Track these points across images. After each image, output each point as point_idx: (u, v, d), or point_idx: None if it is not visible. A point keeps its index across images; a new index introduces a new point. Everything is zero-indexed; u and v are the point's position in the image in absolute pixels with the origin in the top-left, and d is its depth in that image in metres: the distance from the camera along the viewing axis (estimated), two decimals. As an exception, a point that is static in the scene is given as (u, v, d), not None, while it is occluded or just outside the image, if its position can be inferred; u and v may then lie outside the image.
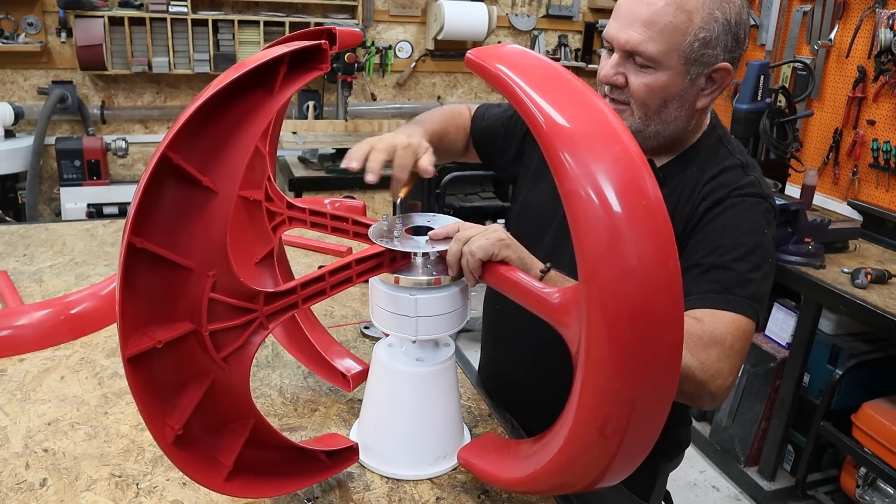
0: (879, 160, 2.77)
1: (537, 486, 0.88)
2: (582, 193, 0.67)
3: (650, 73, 1.06)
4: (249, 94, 0.77)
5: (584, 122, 0.71)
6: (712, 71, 1.08)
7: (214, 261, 0.80)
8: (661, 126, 1.12)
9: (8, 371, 1.29)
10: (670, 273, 0.67)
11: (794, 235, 2.37)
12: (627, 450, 0.75)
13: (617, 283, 0.67)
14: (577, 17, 4.45)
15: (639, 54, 1.05)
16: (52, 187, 3.68)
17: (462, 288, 1.01)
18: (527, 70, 0.77)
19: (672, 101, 1.09)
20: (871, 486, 2.32)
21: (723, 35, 1.05)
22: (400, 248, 0.99)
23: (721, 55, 1.07)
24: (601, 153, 0.68)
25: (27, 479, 1.01)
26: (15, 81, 3.60)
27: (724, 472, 2.76)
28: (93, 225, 2.13)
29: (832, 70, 2.99)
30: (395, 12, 4.09)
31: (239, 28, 3.67)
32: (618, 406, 0.71)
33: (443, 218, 1.10)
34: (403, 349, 1.06)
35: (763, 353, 2.60)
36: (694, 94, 1.10)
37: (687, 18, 1.03)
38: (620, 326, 0.67)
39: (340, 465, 1.02)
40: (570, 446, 0.77)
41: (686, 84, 1.08)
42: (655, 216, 0.67)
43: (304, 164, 3.38)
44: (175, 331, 0.80)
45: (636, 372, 0.69)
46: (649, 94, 1.08)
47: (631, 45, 1.05)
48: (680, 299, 0.68)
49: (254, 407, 0.89)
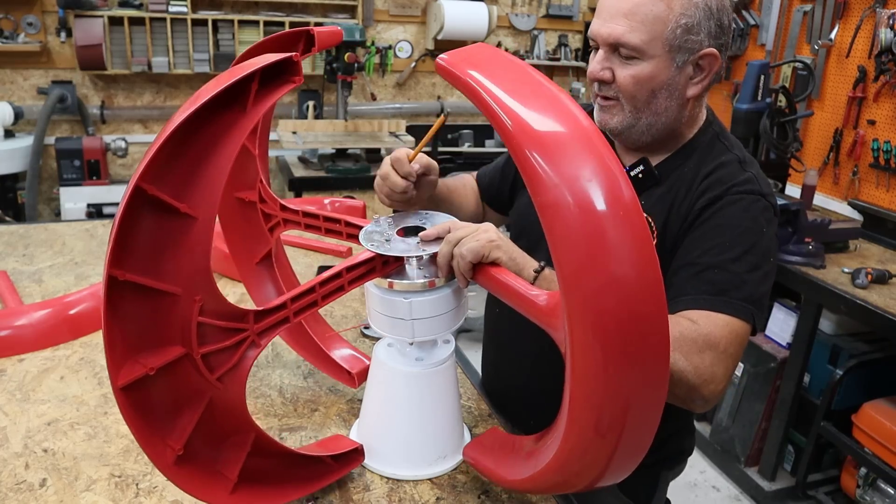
0: (880, 160, 2.77)
1: (538, 486, 0.88)
2: (558, 204, 0.65)
3: (635, 63, 1.07)
4: (222, 115, 0.75)
5: (557, 128, 0.68)
6: (699, 58, 1.08)
7: (200, 285, 0.79)
8: (653, 118, 1.11)
9: (8, 371, 1.29)
10: (651, 280, 0.66)
11: (795, 235, 2.37)
12: (624, 448, 0.74)
13: (598, 294, 0.65)
14: (577, 17, 4.45)
15: (622, 45, 1.06)
16: (52, 187, 3.68)
17: (456, 288, 1.01)
18: (496, 74, 0.75)
19: (661, 91, 1.09)
20: (871, 487, 2.32)
21: (705, 21, 1.06)
22: (391, 252, 0.98)
23: (706, 41, 1.07)
24: (575, 161, 0.66)
25: (27, 479, 1.00)
26: (15, 81, 3.60)
27: (725, 473, 2.76)
28: (92, 225, 2.13)
29: (832, 70, 2.99)
30: (395, 12, 4.09)
31: (239, 28, 3.67)
32: (608, 406, 0.70)
33: (437, 216, 1.09)
34: (403, 349, 1.06)
35: (763, 353, 2.60)
36: (683, 82, 1.09)
37: (666, 6, 1.04)
38: (603, 335, 0.66)
39: (346, 468, 1.01)
40: (566, 446, 0.76)
41: (673, 72, 1.08)
42: (634, 222, 0.65)
43: (304, 164, 3.38)
44: (166, 356, 0.79)
45: (622, 374, 0.68)
46: (636, 85, 1.08)
47: (614, 37, 1.06)
48: (663, 304, 0.66)
49: (252, 421, 0.89)
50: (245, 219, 1.20)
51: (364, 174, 3.26)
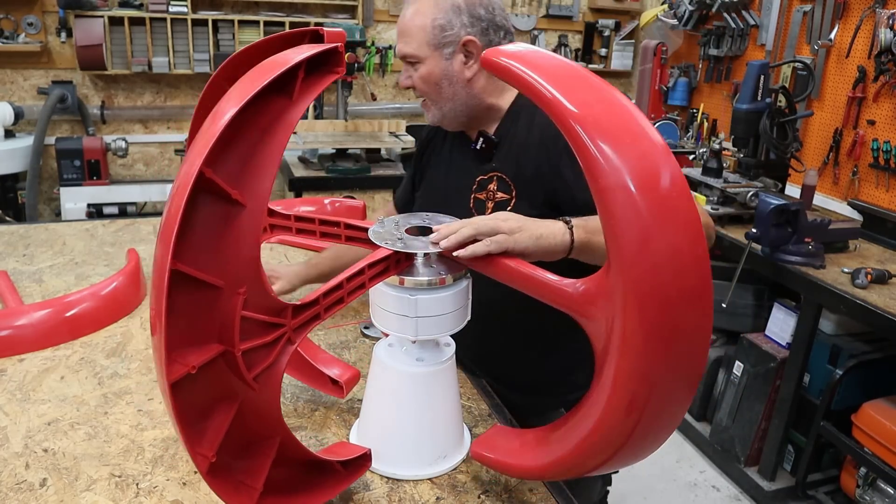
0: (879, 160, 2.77)
1: (564, 470, 0.90)
2: (619, 186, 0.70)
3: (418, 67, 1.34)
4: (271, 102, 0.76)
5: (613, 119, 0.74)
6: (462, 46, 1.31)
7: (245, 277, 0.77)
8: (450, 104, 1.36)
9: (8, 371, 1.29)
10: (700, 254, 0.71)
11: (794, 235, 2.37)
12: (659, 428, 0.79)
13: (654, 272, 0.70)
14: (577, 17, 4.45)
15: (406, 56, 1.34)
16: (52, 187, 3.68)
17: (462, 288, 1.01)
18: (549, 72, 0.78)
19: (442, 81, 1.33)
20: (871, 487, 2.32)
21: (455, 17, 1.30)
22: (409, 249, 0.98)
23: (462, 31, 1.30)
24: (632, 148, 0.71)
25: (27, 479, 1.00)
26: (15, 81, 3.60)
27: (724, 472, 2.76)
28: (93, 225, 2.13)
29: (832, 70, 2.99)
30: (395, 12, 4.08)
31: (239, 28, 3.68)
32: (655, 387, 0.75)
33: (440, 217, 1.10)
34: (404, 349, 1.06)
35: (763, 353, 2.60)
36: (457, 69, 1.33)
37: (422, 17, 1.31)
38: (660, 312, 0.71)
39: (355, 474, 0.99)
40: (601, 428, 0.80)
41: (444, 64, 1.32)
42: (685, 204, 0.71)
43: (304, 164, 3.38)
44: (206, 354, 0.75)
45: (672, 353, 0.73)
46: (424, 82, 1.34)
47: (401, 52, 1.35)
48: (709, 277, 0.72)
49: (283, 424, 0.86)
50: None
51: (364, 174, 3.26)
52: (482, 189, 1.37)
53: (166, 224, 0.72)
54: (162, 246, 0.72)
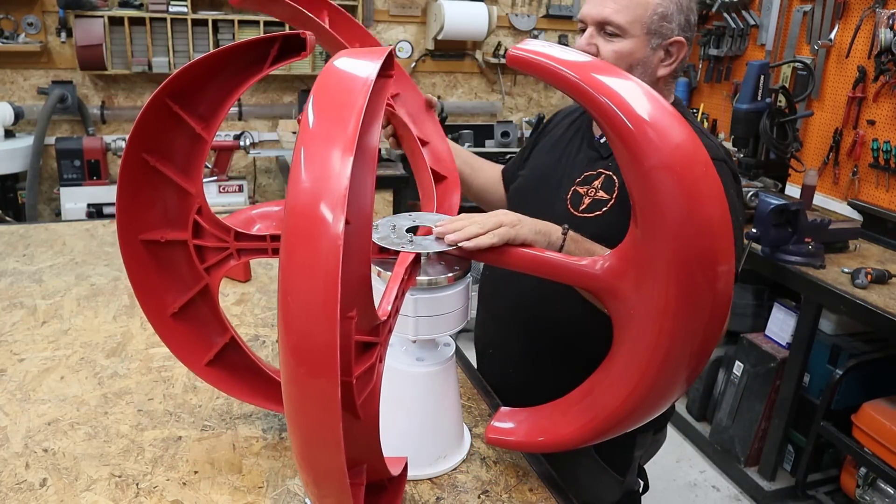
0: (879, 160, 2.77)
1: (605, 430, 0.96)
2: (664, 168, 0.79)
3: (618, 41, 1.25)
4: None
5: (650, 107, 0.81)
6: (669, 43, 1.26)
7: (356, 299, 0.72)
8: None
9: (8, 371, 1.29)
10: (723, 218, 0.82)
11: (794, 235, 2.37)
12: (690, 376, 0.90)
13: (697, 238, 0.81)
14: (577, 16, 4.44)
15: (609, 24, 1.24)
16: (52, 187, 3.68)
17: (462, 288, 1.01)
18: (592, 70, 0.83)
19: (636, 67, 1.26)
20: (871, 487, 2.32)
21: (677, 13, 1.25)
22: (426, 249, 0.97)
23: (676, 30, 1.26)
24: (670, 132, 0.80)
25: (27, 479, 1.01)
26: (15, 81, 3.60)
27: (724, 472, 2.76)
28: (93, 225, 2.13)
29: (832, 70, 2.99)
30: (395, 12, 4.09)
31: (239, 28, 3.67)
32: (694, 339, 0.86)
33: (424, 215, 1.10)
34: (403, 349, 1.06)
35: (763, 353, 2.60)
36: (655, 63, 1.27)
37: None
38: (700, 273, 0.82)
39: (400, 487, 0.95)
40: (644, 384, 0.89)
41: (648, 52, 1.26)
42: (714, 181, 0.81)
43: (304, 164, 3.38)
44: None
45: (708, 309, 0.84)
46: (618, 59, 1.24)
47: (603, 16, 1.24)
48: (731, 239, 0.83)
49: (380, 448, 0.84)
50: (157, 263, 1.03)
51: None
52: (585, 184, 1.31)
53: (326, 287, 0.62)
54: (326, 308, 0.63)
